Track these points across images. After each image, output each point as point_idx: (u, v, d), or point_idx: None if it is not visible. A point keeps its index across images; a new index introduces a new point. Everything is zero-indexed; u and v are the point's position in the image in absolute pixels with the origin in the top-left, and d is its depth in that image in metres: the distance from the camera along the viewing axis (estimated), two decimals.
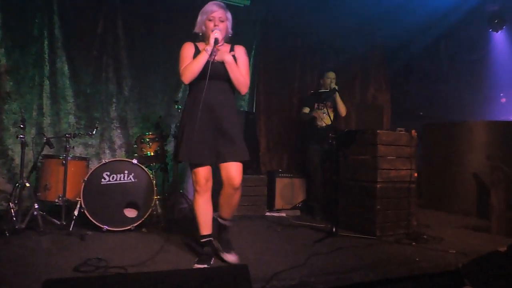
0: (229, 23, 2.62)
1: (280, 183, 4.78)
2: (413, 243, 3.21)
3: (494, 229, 3.68)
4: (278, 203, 4.74)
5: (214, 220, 2.73)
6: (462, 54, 5.20)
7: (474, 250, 3.00)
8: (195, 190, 2.59)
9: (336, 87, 4.36)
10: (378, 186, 3.54)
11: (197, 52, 2.56)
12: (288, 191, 4.79)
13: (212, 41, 2.45)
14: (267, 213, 4.52)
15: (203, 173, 2.54)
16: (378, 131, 3.63)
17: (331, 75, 4.52)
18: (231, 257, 2.57)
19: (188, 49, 2.58)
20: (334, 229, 3.42)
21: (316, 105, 4.51)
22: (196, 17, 2.60)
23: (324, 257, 2.76)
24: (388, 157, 3.63)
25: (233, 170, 2.54)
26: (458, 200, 4.92)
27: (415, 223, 3.69)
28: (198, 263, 2.48)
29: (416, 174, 3.72)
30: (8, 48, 4.12)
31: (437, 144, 5.28)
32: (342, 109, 4.52)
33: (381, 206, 3.52)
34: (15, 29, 4.17)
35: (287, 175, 4.85)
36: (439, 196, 5.14)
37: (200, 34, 2.63)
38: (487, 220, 3.90)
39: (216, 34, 2.46)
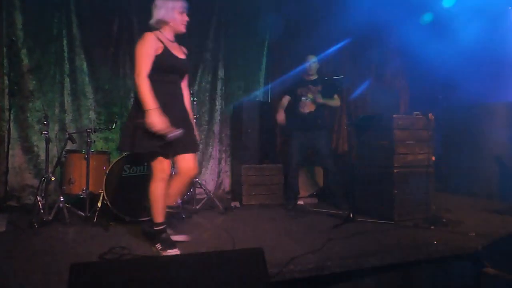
0: None
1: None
2: (432, 227, 3.19)
3: None
4: None
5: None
6: (481, 33, 5.05)
7: (494, 232, 2.97)
8: (161, 179, 2.55)
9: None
10: (395, 171, 3.52)
11: (165, 49, 2.50)
12: (305, 179, 4.81)
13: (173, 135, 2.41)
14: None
15: (170, 162, 2.63)
16: (394, 115, 3.60)
17: (311, 58, 4.35)
18: (184, 237, 2.73)
19: (152, 45, 2.47)
20: (351, 215, 3.44)
21: (299, 92, 4.28)
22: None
23: (341, 242, 2.79)
24: (405, 142, 3.60)
25: (193, 161, 2.65)
26: (480, 184, 4.83)
27: (434, 207, 3.65)
28: (169, 248, 2.45)
29: (433, 158, 3.67)
30: (29, 48, 4.27)
31: (456, 127, 5.17)
32: (335, 102, 4.24)
33: (398, 191, 3.51)
34: (35, 30, 4.31)
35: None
36: (461, 180, 5.06)
37: (167, 22, 2.57)
38: (510, 203, 3.83)
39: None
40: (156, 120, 2.37)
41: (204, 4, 4.98)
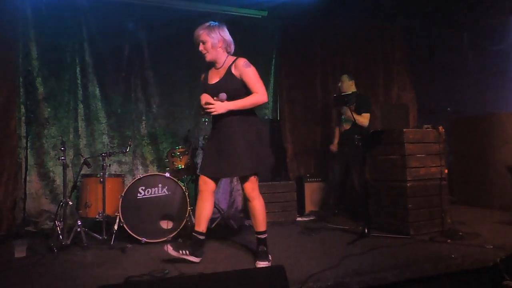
0: (212, 41, 2.75)
1: (309, 188, 4.82)
2: (448, 241, 3.16)
3: None
4: (309, 207, 4.77)
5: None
6: (485, 44, 5.11)
7: None
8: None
9: (356, 91, 4.39)
10: (408, 185, 3.52)
11: (204, 77, 2.91)
12: (318, 195, 4.82)
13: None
14: (298, 218, 4.55)
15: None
16: (404, 129, 3.62)
17: (343, 78, 4.51)
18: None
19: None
20: (366, 231, 3.43)
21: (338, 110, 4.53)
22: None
23: (358, 258, 2.78)
24: (417, 155, 3.61)
25: (243, 182, 2.80)
26: (494, 195, 4.79)
27: (449, 221, 3.63)
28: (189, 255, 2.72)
29: (446, 171, 3.68)
30: (44, 77, 4.42)
31: (467, 139, 5.17)
32: (359, 121, 4.23)
33: (413, 204, 3.50)
34: (49, 59, 4.46)
35: (315, 179, 4.88)
36: (473, 192, 5.03)
37: None
38: None
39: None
40: None
41: None
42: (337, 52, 5.73)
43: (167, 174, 3.65)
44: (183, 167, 3.92)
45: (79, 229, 3.36)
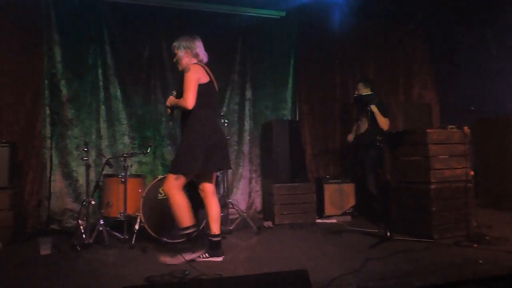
0: (179, 54, 3.06)
1: (329, 190, 4.76)
2: (475, 245, 3.07)
3: None
4: (328, 209, 4.71)
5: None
6: (509, 40, 4.93)
7: None
8: None
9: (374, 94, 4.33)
10: (432, 187, 3.43)
11: None
12: (337, 197, 4.75)
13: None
14: (318, 220, 4.51)
15: None
16: (428, 130, 3.53)
17: (359, 86, 4.48)
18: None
19: None
20: (388, 234, 3.36)
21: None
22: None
23: (381, 262, 2.73)
24: (441, 157, 3.52)
25: None
26: None
27: (475, 224, 3.52)
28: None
29: (472, 173, 3.57)
30: (68, 80, 4.52)
31: (492, 139, 5.01)
32: (382, 122, 4.21)
33: (437, 207, 3.41)
34: (72, 62, 4.56)
35: (335, 181, 4.82)
36: (499, 195, 4.86)
37: None
38: None
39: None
40: None
41: (229, 27, 5.13)
42: (357, 52, 5.64)
43: None
44: None
45: (101, 228, 3.42)
